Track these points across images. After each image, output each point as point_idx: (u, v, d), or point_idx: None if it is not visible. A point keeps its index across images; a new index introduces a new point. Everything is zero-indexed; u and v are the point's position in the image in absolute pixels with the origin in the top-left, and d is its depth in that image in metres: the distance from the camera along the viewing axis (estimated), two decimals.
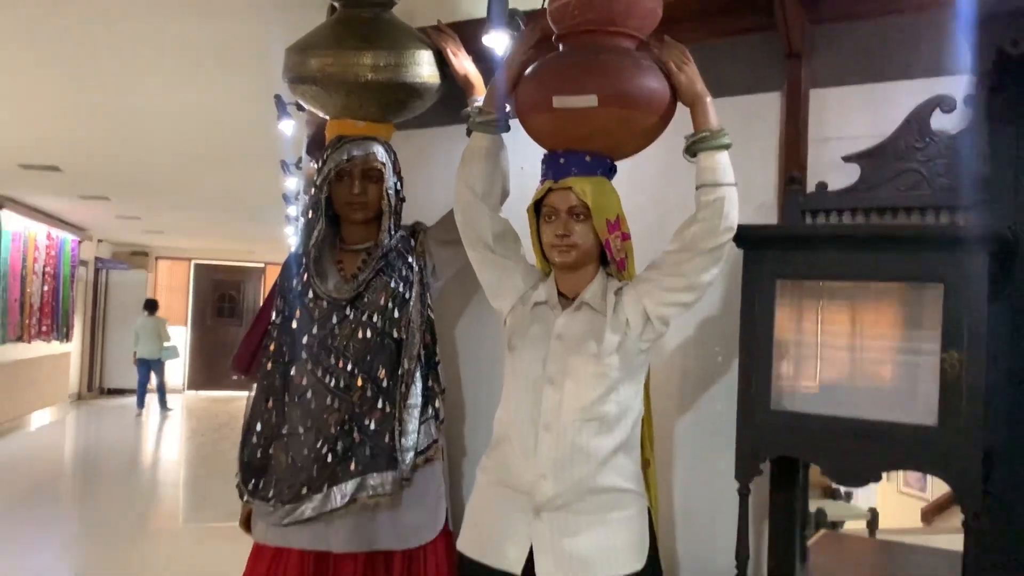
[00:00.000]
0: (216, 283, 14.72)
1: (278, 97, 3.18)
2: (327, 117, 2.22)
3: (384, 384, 2.09)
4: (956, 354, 1.46)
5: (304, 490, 2.05)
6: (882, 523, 1.98)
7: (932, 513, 1.92)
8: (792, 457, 1.75)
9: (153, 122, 4.73)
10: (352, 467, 2.06)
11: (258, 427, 2.16)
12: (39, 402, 10.34)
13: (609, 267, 1.73)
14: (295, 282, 2.17)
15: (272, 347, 2.17)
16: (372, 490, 2.04)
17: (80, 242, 11.36)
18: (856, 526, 2.04)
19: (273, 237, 11.37)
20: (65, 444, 9.78)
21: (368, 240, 2.18)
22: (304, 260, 2.15)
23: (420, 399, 2.12)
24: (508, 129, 1.80)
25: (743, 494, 1.68)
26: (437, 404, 2.16)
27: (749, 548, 1.69)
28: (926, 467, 1.52)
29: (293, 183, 4.38)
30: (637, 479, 1.69)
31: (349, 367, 2.09)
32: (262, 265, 14.88)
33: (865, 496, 2.02)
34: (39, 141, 5.72)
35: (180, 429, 11.06)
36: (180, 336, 14.30)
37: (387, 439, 2.07)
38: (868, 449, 1.54)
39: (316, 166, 2.17)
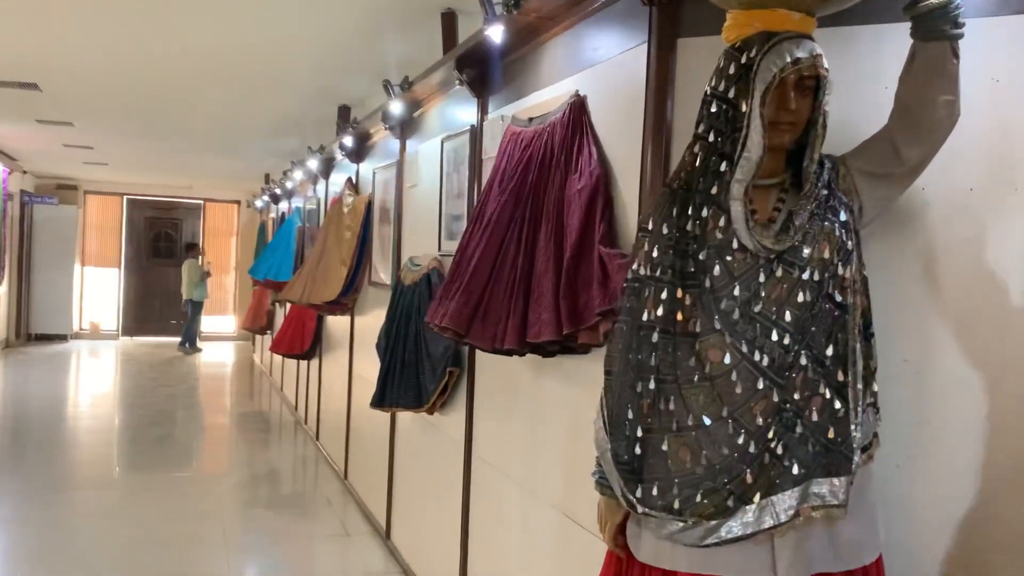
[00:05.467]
0: (151, 221, 13.50)
1: None
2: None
3: (827, 363, 1.60)
4: None
5: (730, 501, 1.56)
6: None
7: None
8: None
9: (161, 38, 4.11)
10: (795, 470, 1.57)
11: (629, 415, 1.63)
12: None
13: None
14: (688, 225, 1.62)
15: (660, 310, 1.63)
16: (819, 499, 1.56)
17: (10, 173, 10.11)
18: None
19: (227, 172, 10.47)
20: None
21: (776, 174, 1.66)
22: (723, 199, 1.61)
23: (861, 381, 1.64)
24: None
25: None
26: (875, 387, 1.67)
27: None
28: None
29: (398, 107, 3.71)
30: None
31: (785, 340, 1.58)
32: (200, 202, 13.77)
33: None
34: (22, 56, 4.84)
35: (118, 376, 10.17)
36: (111, 279, 13.16)
37: (831, 433, 1.58)
38: None
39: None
